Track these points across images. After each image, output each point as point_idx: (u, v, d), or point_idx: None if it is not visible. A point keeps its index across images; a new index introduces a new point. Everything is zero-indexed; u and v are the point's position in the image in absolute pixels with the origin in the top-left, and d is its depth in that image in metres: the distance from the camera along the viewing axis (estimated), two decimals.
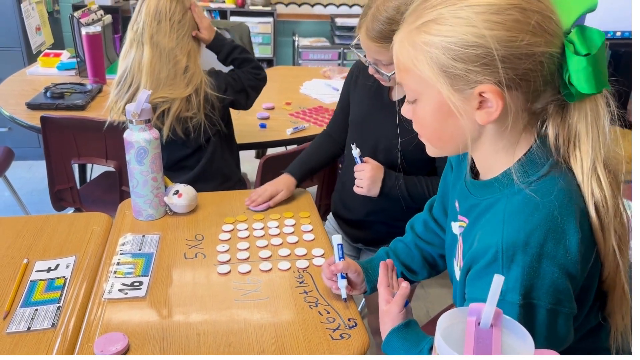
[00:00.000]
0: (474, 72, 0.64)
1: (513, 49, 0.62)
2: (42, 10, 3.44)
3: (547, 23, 0.63)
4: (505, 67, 0.63)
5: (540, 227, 0.65)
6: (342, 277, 0.99)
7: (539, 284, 0.65)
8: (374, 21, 1.09)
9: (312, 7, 4.55)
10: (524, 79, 0.64)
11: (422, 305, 2.25)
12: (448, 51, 0.64)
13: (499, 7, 0.62)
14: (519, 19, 0.62)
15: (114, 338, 0.90)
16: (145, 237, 1.22)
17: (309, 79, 2.67)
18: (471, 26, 0.62)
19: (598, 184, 0.67)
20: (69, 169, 1.90)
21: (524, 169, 0.69)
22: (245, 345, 0.91)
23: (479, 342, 0.55)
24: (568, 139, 0.68)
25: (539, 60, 0.63)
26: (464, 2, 0.63)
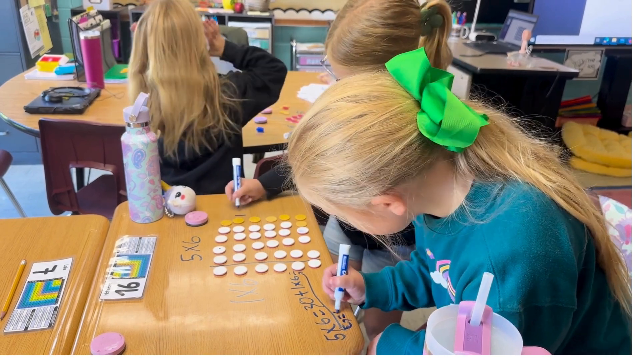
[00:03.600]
0: (358, 196, 0.71)
1: (372, 167, 0.68)
2: (40, 15, 3.46)
3: (385, 128, 0.67)
4: (375, 182, 0.69)
5: (521, 231, 0.66)
6: (339, 290, 0.99)
7: (536, 286, 0.66)
8: (339, 43, 1.06)
9: (310, 12, 4.57)
10: (399, 176, 0.69)
11: (418, 310, 2.25)
12: (329, 190, 0.72)
13: (340, 145, 0.68)
14: (360, 145, 0.67)
15: (110, 338, 0.90)
16: (142, 239, 1.23)
17: (307, 84, 2.69)
18: (329, 170, 0.70)
19: (546, 178, 0.70)
20: (66, 172, 1.91)
21: (476, 200, 0.72)
22: (240, 345, 0.91)
23: (469, 339, 0.56)
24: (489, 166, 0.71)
25: (400, 157, 0.68)
26: (314, 151, 0.71)
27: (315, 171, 0.71)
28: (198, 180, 1.68)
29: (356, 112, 0.68)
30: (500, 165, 0.71)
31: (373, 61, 1.03)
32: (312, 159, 0.71)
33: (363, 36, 1.02)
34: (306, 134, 0.72)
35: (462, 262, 0.74)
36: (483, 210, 0.70)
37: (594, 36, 3.78)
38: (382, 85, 0.71)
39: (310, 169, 0.72)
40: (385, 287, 1.02)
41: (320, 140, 0.70)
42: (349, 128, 0.68)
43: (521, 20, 3.62)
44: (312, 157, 0.71)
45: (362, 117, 0.68)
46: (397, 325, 0.92)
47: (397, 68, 0.71)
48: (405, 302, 1.02)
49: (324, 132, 0.69)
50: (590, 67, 3.55)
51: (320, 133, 0.70)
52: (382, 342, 0.90)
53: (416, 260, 1.05)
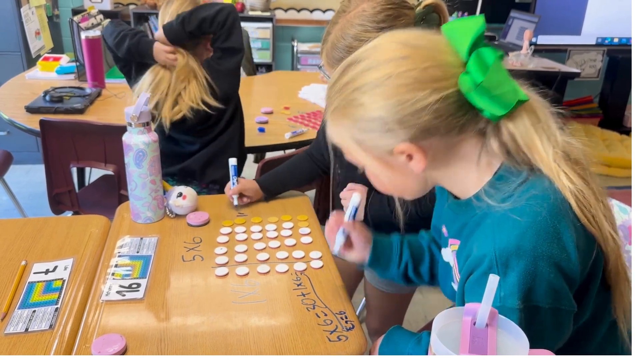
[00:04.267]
0: (383, 139, 0.71)
1: (404, 110, 0.68)
2: (41, 15, 3.46)
3: (425, 75, 0.68)
4: (404, 127, 0.69)
5: (530, 229, 0.66)
6: (342, 232, 0.96)
7: (537, 285, 0.65)
8: (333, 49, 1.06)
9: (311, 12, 4.57)
10: (428, 128, 0.69)
11: (420, 311, 2.25)
12: (357, 129, 0.73)
13: (379, 81, 0.69)
14: (398, 84, 0.68)
15: (111, 339, 0.90)
16: (143, 239, 1.22)
17: (308, 84, 2.68)
18: (363, 105, 0.70)
19: (568, 178, 0.69)
20: (67, 172, 1.91)
21: (495, 187, 0.72)
22: (242, 347, 0.91)
23: (475, 341, 0.56)
24: (517, 147, 0.71)
25: (433, 109, 0.68)
26: (353, 85, 0.71)
27: (349, 106, 0.72)
28: (203, 167, 1.72)
29: (401, 53, 0.69)
30: (529, 150, 0.70)
31: None
32: (348, 93, 0.72)
33: (356, 41, 1.02)
34: (349, 68, 0.73)
35: (469, 248, 0.74)
36: (501, 196, 0.70)
37: (596, 36, 3.77)
38: (432, 40, 0.71)
39: (345, 102, 0.72)
40: (392, 250, 1.01)
41: (361, 74, 0.71)
42: (390, 66, 0.69)
43: (523, 20, 3.61)
44: (349, 90, 0.72)
45: (405, 58, 0.69)
46: (400, 327, 0.91)
47: (451, 29, 0.71)
48: (405, 273, 1.00)
49: (366, 67, 0.70)
50: (591, 67, 3.55)
51: (363, 68, 0.71)
52: (384, 344, 0.90)
53: (427, 237, 1.03)
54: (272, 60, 4.47)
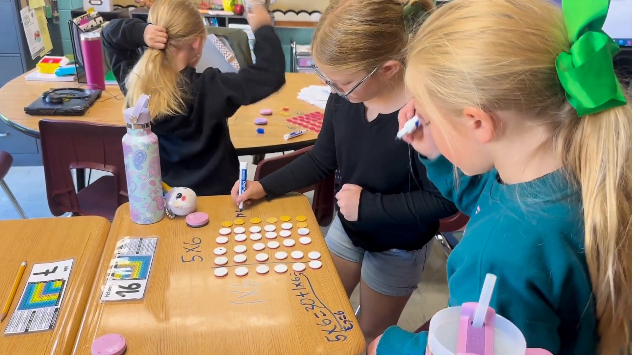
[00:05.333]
0: (456, 96, 0.66)
1: (487, 71, 0.63)
2: (41, 17, 3.46)
3: (524, 40, 0.62)
4: (482, 89, 0.64)
5: (524, 250, 0.63)
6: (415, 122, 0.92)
7: (516, 300, 0.64)
8: (322, 44, 1.07)
9: (310, 14, 4.58)
10: (507, 98, 0.64)
11: (418, 311, 2.26)
12: (434, 77, 0.67)
13: (472, 32, 0.64)
14: (490, 42, 0.63)
15: (111, 340, 0.90)
16: (143, 240, 1.23)
17: (307, 86, 2.69)
18: (447, 53, 0.65)
19: (601, 208, 0.62)
20: (67, 173, 1.91)
21: (534, 190, 0.67)
22: (241, 346, 0.91)
23: (472, 341, 0.56)
24: (579, 154, 0.65)
25: (519, 79, 0.62)
26: (445, 30, 0.66)
27: (434, 52, 0.67)
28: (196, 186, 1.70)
29: (506, 10, 0.63)
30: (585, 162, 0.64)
31: (357, 58, 1.06)
32: (437, 37, 0.67)
33: (344, 35, 1.04)
34: (448, 12, 0.68)
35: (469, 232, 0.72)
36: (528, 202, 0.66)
37: None
38: (545, 8, 0.65)
39: (430, 46, 0.67)
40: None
41: (457, 21, 0.66)
42: (489, 20, 0.63)
43: None
44: (439, 35, 0.66)
45: (508, 17, 0.63)
46: (397, 327, 0.91)
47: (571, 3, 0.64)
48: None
49: (465, 14, 0.65)
50: None
51: (460, 15, 0.66)
52: (381, 345, 0.90)
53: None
54: None
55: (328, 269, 1.14)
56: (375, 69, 1.08)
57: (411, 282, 1.42)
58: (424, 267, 1.44)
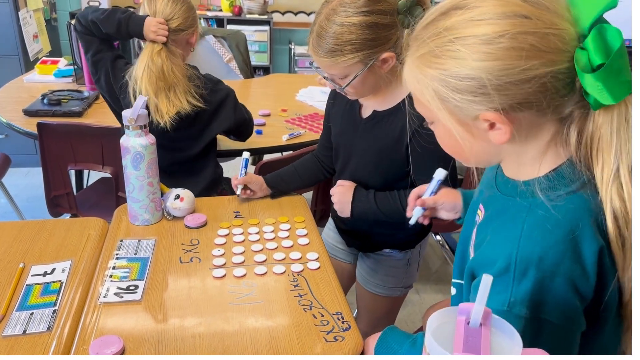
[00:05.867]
0: (473, 102, 0.64)
1: (507, 77, 0.61)
2: (39, 18, 3.46)
3: (544, 42, 0.60)
4: (502, 95, 0.62)
5: (557, 245, 0.63)
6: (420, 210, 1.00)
7: (550, 299, 0.63)
8: (319, 38, 1.08)
9: (308, 15, 4.58)
10: (527, 101, 0.63)
11: (417, 311, 2.26)
12: (445, 83, 0.64)
13: (489, 37, 0.61)
14: (510, 47, 0.60)
15: (109, 341, 0.90)
16: (141, 241, 1.23)
17: (305, 86, 2.69)
18: (461, 59, 0.62)
19: (619, 194, 0.63)
20: (65, 175, 1.91)
21: (552, 183, 0.67)
22: (239, 347, 0.91)
23: (468, 341, 0.56)
24: (591, 144, 0.65)
25: (540, 82, 0.61)
26: (455, 33, 0.63)
27: (444, 56, 0.63)
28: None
29: (521, 10, 0.61)
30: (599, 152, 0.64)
31: (353, 50, 1.07)
32: (447, 40, 0.63)
33: (340, 27, 1.05)
34: (453, 12, 0.64)
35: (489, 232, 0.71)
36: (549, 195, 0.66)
37: None
38: (555, 1, 0.63)
39: (439, 50, 0.64)
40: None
41: (470, 23, 0.62)
42: (507, 24, 0.60)
43: None
44: (448, 38, 0.63)
45: (525, 18, 0.60)
46: (394, 328, 0.91)
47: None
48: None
49: (477, 17, 0.62)
50: None
51: (473, 16, 0.62)
52: (379, 345, 0.90)
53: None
54: (269, 63, 4.48)
55: (326, 270, 1.14)
56: (372, 61, 1.08)
57: (406, 282, 1.42)
58: (419, 267, 1.44)
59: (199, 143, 1.68)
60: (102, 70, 1.66)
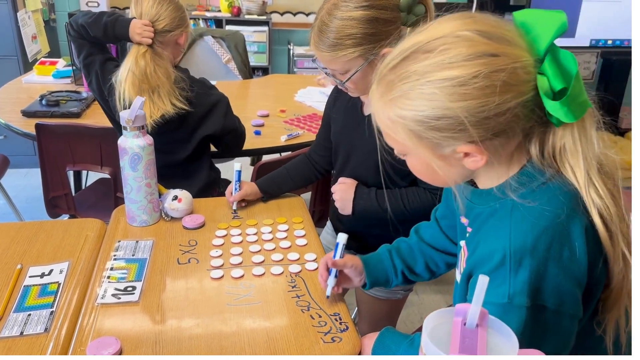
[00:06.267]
0: (451, 138, 0.67)
1: (484, 112, 0.64)
2: (38, 19, 3.46)
3: (513, 77, 0.64)
4: (479, 129, 0.65)
5: (547, 231, 0.66)
6: (333, 275, 1.00)
7: (545, 285, 0.66)
8: (320, 32, 1.09)
9: (307, 15, 4.58)
10: (502, 130, 0.66)
11: (416, 312, 2.25)
12: (421, 123, 0.66)
13: (464, 79, 0.63)
14: (485, 85, 0.63)
15: (106, 342, 0.90)
16: (138, 242, 1.22)
17: (304, 87, 2.69)
18: (437, 100, 0.64)
19: (597, 193, 0.67)
20: (63, 175, 1.91)
21: (521, 182, 0.71)
22: (237, 348, 0.91)
23: (465, 342, 0.56)
24: (554, 154, 0.69)
25: (514, 112, 0.65)
26: (427, 77, 0.65)
27: (418, 98, 0.65)
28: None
29: (489, 49, 0.64)
30: (569, 157, 0.68)
31: (353, 45, 1.07)
32: (419, 84, 0.65)
33: (341, 21, 1.06)
34: (421, 56, 0.66)
35: (479, 238, 0.74)
36: (523, 192, 0.69)
37: (590, 38, 3.78)
38: (511, 32, 0.66)
39: (413, 93, 0.66)
40: (384, 266, 1.03)
41: (441, 67, 0.64)
42: (479, 64, 0.63)
43: None
44: (421, 81, 0.65)
45: (494, 57, 0.63)
46: (392, 329, 0.92)
47: (527, 21, 0.67)
48: (405, 278, 1.03)
49: (447, 60, 0.64)
50: (586, 69, 3.56)
51: (443, 60, 0.64)
52: (377, 346, 0.90)
53: (415, 237, 1.05)
54: (268, 64, 4.48)
55: None
56: (372, 56, 1.09)
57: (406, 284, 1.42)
58: None
59: (189, 146, 1.67)
60: (93, 73, 1.66)
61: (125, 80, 1.51)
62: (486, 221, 0.74)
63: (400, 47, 0.69)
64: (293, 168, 1.47)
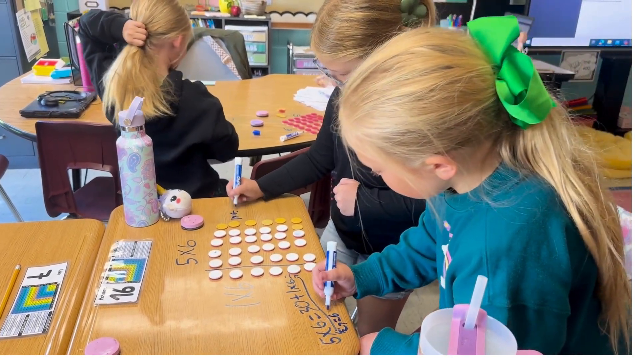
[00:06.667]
0: (417, 152, 0.68)
1: (445, 123, 0.66)
2: (37, 19, 3.46)
3: (470, 86, 0.65)
4: (443, 140, 0.67)
5: (522, 230, 0.66)
6: (329, 285, 1.00)
7: (525, 285, 0.66)
8: (321, 33, 1.09)
9: (307, 15, 4.58)
10: (466, 139, 0.68)
11: (415, 312, 2.25)
12: (387, 140, 0.68)
13: (421, 93, 0.65)
14: (442, 97, 0.65)
15: (105, 343, 0.90)
16: (137, 243, 1.22)
17: (303, 87, 2.69)
18: (398, 117, 0.66)
19: (574, 190, 0.68)
20: (64, 174, 1.91)
21: (493, 184, 0.72)
22: (236, 349, 0.91)
23: (463, 343, 0.56)
24: (526, 155, 0.70)
25: (475, 121, 0.66)
26: (386, 95, 0.67)
27: (380, 116, 0.67)
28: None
29: (443, 62, 0.65)
30: (541, 157, 0.69)
31: (353, 45, 1.07)
32: (380, 102, 0.67)
33: (341, 22, 1.07)
34: (379, 75, 0.68)
35: (458, 242, 0.75)
36: (497, 194, 0.70)
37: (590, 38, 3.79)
38: (465, 42, 0.68)
39: (375, 112, 0.67)
40: (374, 275, 1.04)
41: (398, 84, 0.66)
42: (434, 77, 0.65)
43: None
44: (381, 100, 0.67)
45: (448, 69, 0.65)
46: (390, 329, 0.92)
47: (481, 30, 0.69)
48: (396, 286, 1.04)
49: (403, 77, 0.66)
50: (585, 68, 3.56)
51: (399, 77, 0.66)
52: (375, 347, 0.90)
53: (404, 244, 1.06)
54: (267, 64, 4.48)
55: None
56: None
57: None
58: None
59: (176, 149, 1.66)
60: (93, 71, 1.69)
61: (112, 80, 1.53)
62: (464, 225, 0.75)
63: (360, 68, 0.71)
64: (293, 167, 1.47)
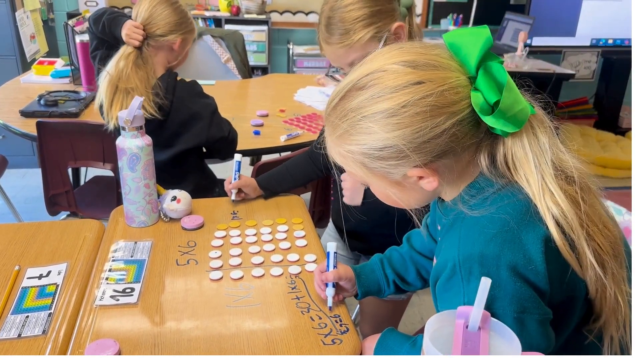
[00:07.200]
0: (397, 165, 0.70)
1: (420, 137, 0.67)
2: (36, 19, 3.45)
3: (442, 99, 0.66)
4: (420, 153, 0.68)
5: (495, 238, 0.66)
6: (331, 286, 1.00)
7: (501, 294, 0.65)
8: (329, 25, 1.12)
9: (307, 15, 4.57)
10: (444, 151, 0.69)
11: (416, 312, 2.25)
12: (366, 155, 0.70)
13: (393, 110, 0.67)
14: (414, 113, 0.66)
15: (105, 344, 0.90)
16: (137, 243, 1.22)
17: (303, 87, 2.69)
18: (374, 133, 0.68)
19: (553, 201, 0.67)
20: (64, 173, 1.90)
21: (470, 194, 0.73)
22: (236, 351, 0.91)
23: (467, 344, 0.56)
24: (506, 163, 0.70)
25: (450, 133, 0.67)
26: (362, 112, 0.69)
27: (358, 133, 0.69)
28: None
29: (414, 78, 0.67)
30: (520, 166, 0.69)
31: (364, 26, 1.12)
32: (357, 120, 0.69)
33: (345, 8, 1.11)
34: (354, 93, 0.70)
35: (440, 247, 0.76)
36: (474, 203, 0.71)
37: (590, 37, 3.78)
38: (438, 56, 0.69)
39: (353, 129, 0.70)
40: (376, 276, 1.04)
41: (372, 101, 0.68)
42: (405, 94, 0.66)
43: (517, 21, 3.62)
44: (357, 117, 0.69)
45: (419, 84, 0.66)
46: (394, 330, 0.91)
47: (455, 41, 0.70)
48: (397, 288, 1.04)
49: (376, 94, 0.68)
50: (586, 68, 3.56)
51: (373, 94, 0.68)
52: (379, 347, 0.90)
53: (407, 246, 1.06)
54: (267, 63, 4.47)
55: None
56: (385, 33, 1.12)
57: None
58: None
59: (168, 151, 1.65)
60: (96, 68, 1.70)
61: (104, 79, 1.53)
62: (447, 232, 0.76)
63: (338, 87, 0.73)
64: (293, 166, 1.47)
